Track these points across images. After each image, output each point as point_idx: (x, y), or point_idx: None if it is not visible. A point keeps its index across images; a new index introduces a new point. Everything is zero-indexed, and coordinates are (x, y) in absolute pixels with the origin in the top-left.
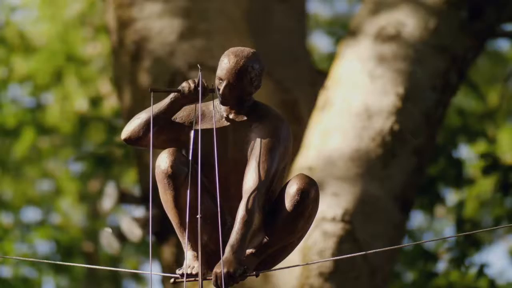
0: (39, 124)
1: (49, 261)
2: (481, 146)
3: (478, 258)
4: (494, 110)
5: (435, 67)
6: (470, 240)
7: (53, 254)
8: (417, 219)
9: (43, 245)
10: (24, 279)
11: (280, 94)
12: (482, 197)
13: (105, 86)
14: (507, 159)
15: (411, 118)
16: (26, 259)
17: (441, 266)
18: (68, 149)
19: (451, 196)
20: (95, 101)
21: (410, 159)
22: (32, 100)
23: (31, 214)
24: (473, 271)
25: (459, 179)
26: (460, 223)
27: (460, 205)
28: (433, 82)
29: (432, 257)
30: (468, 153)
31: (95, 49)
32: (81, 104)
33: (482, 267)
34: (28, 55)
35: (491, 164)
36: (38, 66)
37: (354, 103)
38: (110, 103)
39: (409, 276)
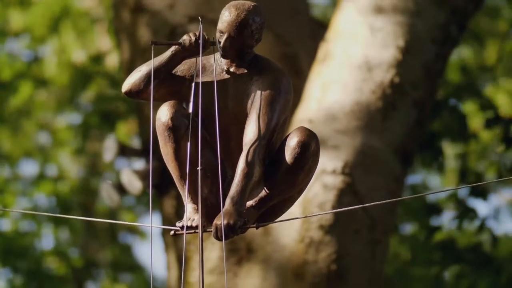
0: (36, 76)
1: (49, 214)
2: (483, 100)
3: (481, 211)
4: (492, 67)
5: (435, 20)
6: (474, 192)
7: (52, 208)
8: (424, 176)
9: (41, 199)
10: (24, 233)
11: (280, 47)
12: (485, 151)
13: (104, 42)
14: (507, 112)
15: (411, 71)
16: (26, 211)
17: (445, 220)
18: (66, 101)
19: (454, 150)
20: (97, 58)
21: (411, 112)
22: (30, 53)
23: (29, 167)
24: (475, 225)
25: (462, 133)
26: (463, 175)
27: (463, 156)
28: (433, 35)
29: (436, 210)
30: (470, 109)
31: (93, 1)
32: (78, 56)
33: (483, 221)
34: (25, 8)
35: (493, 117)
36: (35, 19)
37: (354, 55)
38: (111, 59)
39: (409, 228)
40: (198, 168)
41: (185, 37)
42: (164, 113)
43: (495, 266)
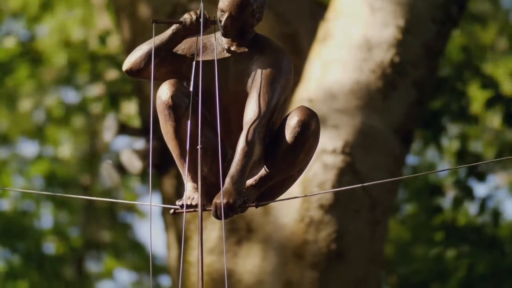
0: (33, 56)
1: (48, 193)
2: (484, 79)
3: (482, 192)
4: (491, 46)
5: None
6: (473, 172)
7: (51, 187)
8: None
9: (40, 179)
10: (23, 212)
11: (280, 26)
12: (485, 132)
13: (103, 21)
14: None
15: (411, 51)
16: (26, 191)
17: (447, 202)
18: (64, 80)
19: (454, 130)
20: (103, 37)
21: (411, 91)
22: (27, 33)
23: (27, 147)
24: (476, 205)
25: (463, 113)
26: (462, 155)
27: (463, 137)
28: (434, 14)
29: (438, 191)
30: (472, 89)
31: None
32: (76, 34)
33: (484, 201)
34: None
35: (494, 96)
36: None
37: (354, 35)
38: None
39: (409, 209)
40: (198, 147)
41: (186, 15)
42: (164, 92)
43: (498, 247)
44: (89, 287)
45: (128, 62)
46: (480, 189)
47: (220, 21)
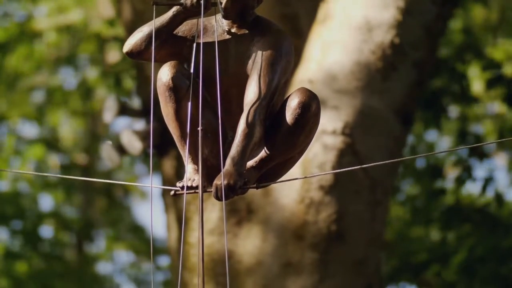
0: (31, 36)
1: (49, 174)
2: (485, 61)
3: (483, 173)
4: (493, 26)
5: None
6: (474, 152)
7: (49, 169)
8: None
9: (36, 163)
10: (20, 194)
11: (280, 7)
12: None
13: (103, 6)
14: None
15: (411, 32)
16: (24, 172)
17: (449, 183)
18: (64, 61)
19: (455, 112)
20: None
21: (410, 72)
22: (25, 14)
23: (26, 129)
24: (478, 186)
25: (463, 94)
26: (463, 136)
27: (463, 117)
28: None
29: (439, 172)
30: (473, 71)
31: None
32: (74, 16)
33: (486, 181)
34: None
35: (495, 77)
36: None
37: (354, 16)
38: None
39: (411, 190)
40: (198, 129)
41: None
42: (165, 73)
43: (501, 227)
44: (89, 268)
45: (129, 44)
46: (481, 170)
47: (221, 3)
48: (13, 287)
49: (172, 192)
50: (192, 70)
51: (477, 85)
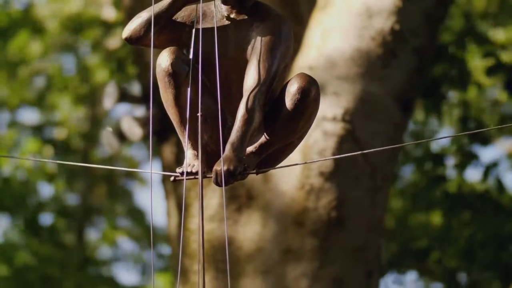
0: (32, 24)
1: (49, 160)
2: (485, 48)
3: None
4: (494, 12)
5: None
6: (475, 138)
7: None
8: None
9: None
10: (22, 182)
11: None
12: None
13: None
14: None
15: (411, 18)
16: (24, 158)
17: (450, 170)
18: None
19: (455, 98)
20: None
21: (411, 59)
22: (26, 2)
23: (27, 115)
24: (479, 173)
25: (463, 80)
26: (465, 122)
27: (464, 103)
28: None
29: (439, 159)
30: (472, 57)
31: None
32: (75, 4)
33: (488, 168)
34: None
35: (495, 64)
36: None
37: (354, 2)
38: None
39: (412, 177)
40: (198, 114)
41: None
42: (164, 59)
43: (503, 213)
44: (89, 254)
45: (128, 30)
46: (483, 156)
47: None
48: (13, 276)
49: (172, 178)
50: (191, 56)
51: (477, 72)
